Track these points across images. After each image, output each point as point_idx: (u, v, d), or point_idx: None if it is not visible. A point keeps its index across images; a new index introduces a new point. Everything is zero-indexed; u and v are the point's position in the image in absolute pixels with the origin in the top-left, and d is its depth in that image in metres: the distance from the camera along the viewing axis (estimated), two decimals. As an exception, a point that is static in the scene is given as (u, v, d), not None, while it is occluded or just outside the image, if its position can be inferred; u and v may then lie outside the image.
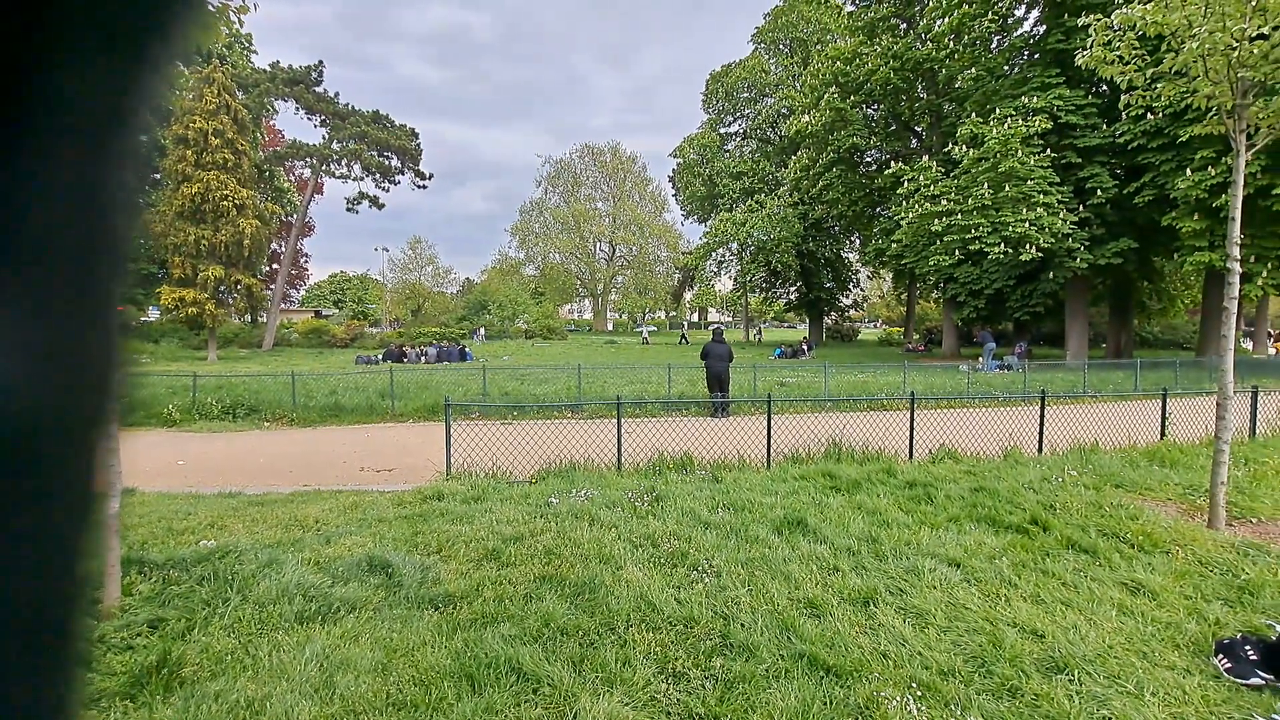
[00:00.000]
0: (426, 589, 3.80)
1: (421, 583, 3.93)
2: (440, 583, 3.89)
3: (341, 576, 3.99)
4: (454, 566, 4.17)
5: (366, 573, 4.08)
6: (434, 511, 5.47)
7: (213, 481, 7.22)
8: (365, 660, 2.94)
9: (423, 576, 4.02)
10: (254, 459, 8.81)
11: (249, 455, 9.07)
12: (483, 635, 3.11)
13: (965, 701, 2.65)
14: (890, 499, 5.63)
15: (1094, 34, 5.32)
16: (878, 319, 69.66)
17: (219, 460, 8.68)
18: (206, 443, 10.09)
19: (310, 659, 2.94)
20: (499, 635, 3.11)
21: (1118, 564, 4.18)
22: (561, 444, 7.37)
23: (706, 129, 48.96)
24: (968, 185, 20.73)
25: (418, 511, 5.50)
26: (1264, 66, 4.57)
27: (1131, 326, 28.96)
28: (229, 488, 6.86)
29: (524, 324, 47.88)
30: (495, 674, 2.78)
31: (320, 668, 2.87)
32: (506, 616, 3.35)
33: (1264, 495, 5.79)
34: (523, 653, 2.91)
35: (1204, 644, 3.18)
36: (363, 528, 5.09)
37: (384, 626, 3.32)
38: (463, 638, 3.11)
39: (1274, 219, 16.81)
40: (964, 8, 22.31)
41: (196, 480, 7.38)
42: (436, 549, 4.53)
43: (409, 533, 4.90)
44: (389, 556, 4.24)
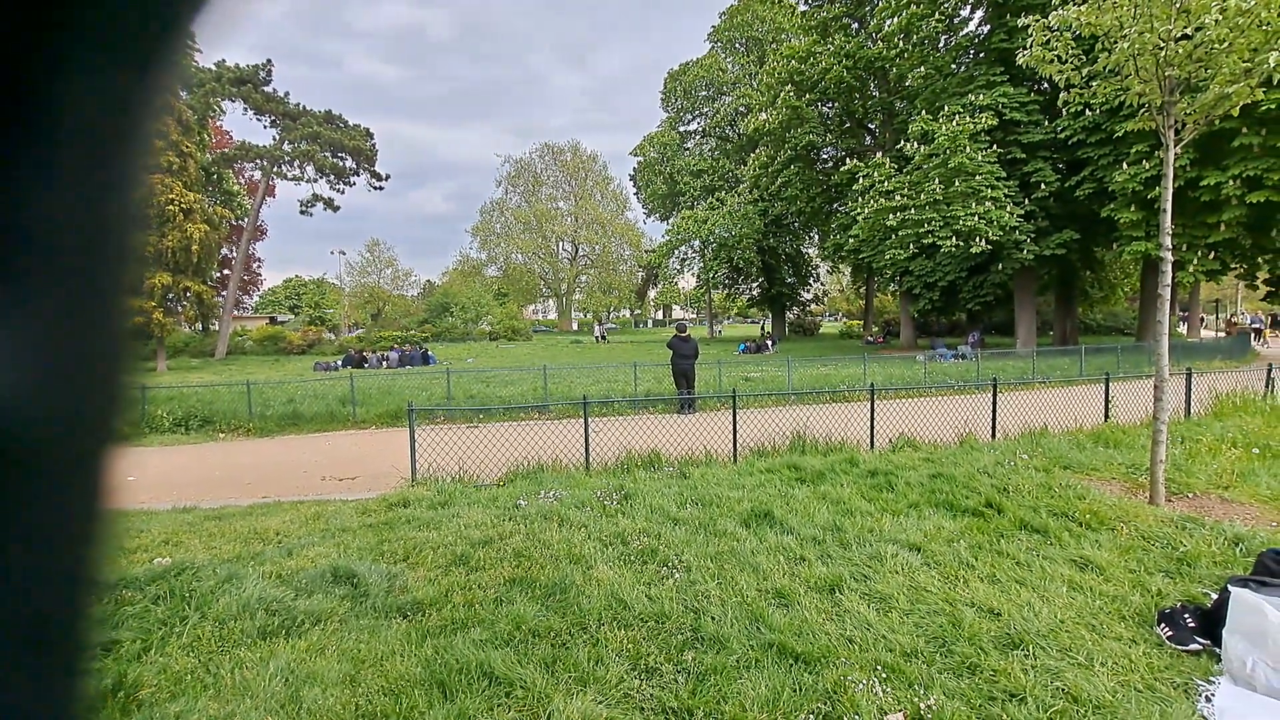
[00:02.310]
0: (394, 597, 3.75)
1: (389, 591, 3.87)
2: (408, 590, 3.84)
3: (305, 589, 3.90)
4: (422, 573, 4.11)
5: (331, 584, 4.00)
6: (400, 518, 5.38)
7: (166, 497, 6.95)
8: (332, 673, 2.88)
9: (390, 585, 3.96)
10: (210, 472, 8.51)
11: (204, 468, 8.76)
12: (453, 641, 3.09)
13: (928, 681, 2.74)
14: (853, 488, 5.77)
15: (1033, 34, 5.55)
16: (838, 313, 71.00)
17: (172, 474, 8.36)
18: (158, 457, 9.70)
19: (275, 674, 2.87)
20: (469, 640, 3.08)
21: (1067, 542, 4.37)
22: (529, 445, 7.33)
23: (666, 127, 49.17)
24: (920, 181, 21.33)
25: (383, 519, 5.40)
26: (1188, 65, 4.83)
27: (1076, 314, 30.22)
28: (184, 503, 6.62)
29: (488, 326, 47.32)
30: (467, 679, 2.76)
31: (285, 683, 2.81)
32: (477, 621, 3.33)
33: (1199, 471, 6.12)
34: (494, 656, 2.90)
35: (1147, 614, 3.36)
36: (326, 538, 4.97)
37: (351, 637, 3.26)
38: (433, 644, 3.08)
39: (1203, 209, 17.74)
40: (912, 8, 22.91)
41: (149, 496, 7.09)
42: (403, 556, 4.46)
43: (374, 541, 4.81)
44: (354, 566, 4.16)
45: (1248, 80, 4.74)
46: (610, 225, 61.88)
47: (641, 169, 50.44)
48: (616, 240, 62.44)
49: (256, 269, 52.02)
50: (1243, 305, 43.85)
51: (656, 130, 49.36)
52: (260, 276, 54.15)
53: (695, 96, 47.47)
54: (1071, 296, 28.98)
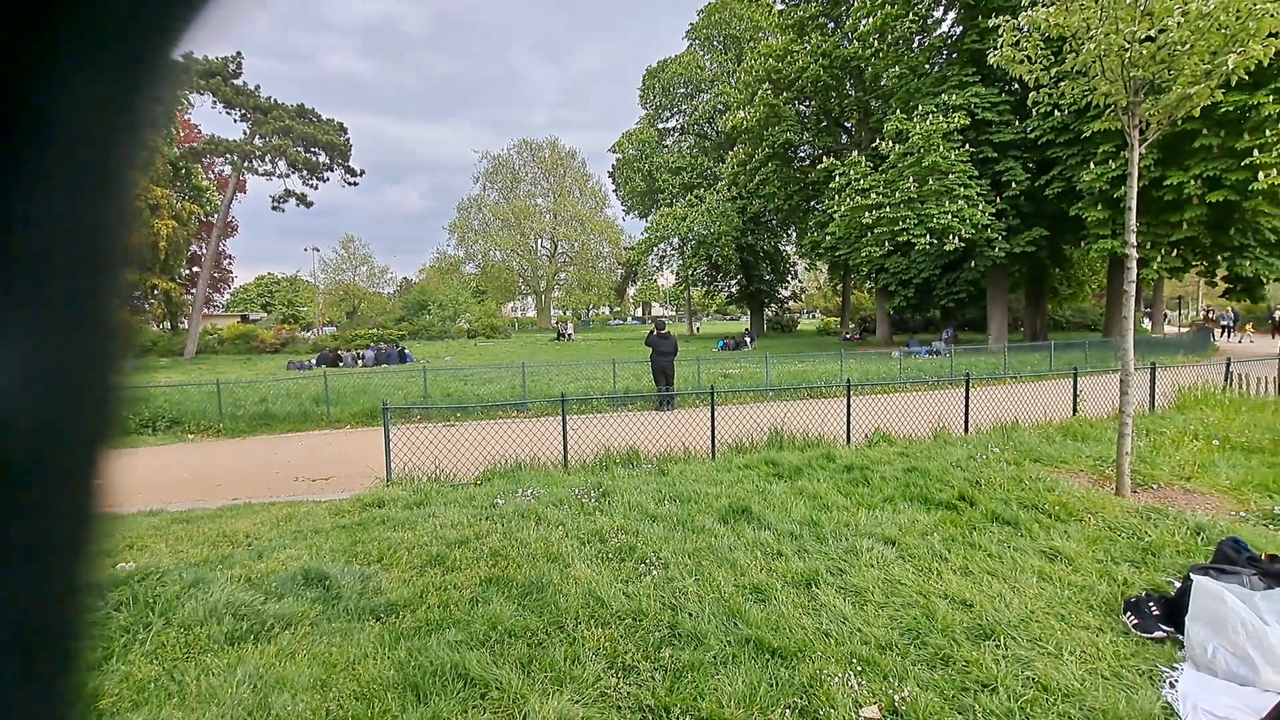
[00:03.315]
0: (367, 599, 3.69)
1: (362, 593, 3.81)
2: (382, 592, 3.78)
3: (275, 592, 3.82)
4: (396, 574, 4.05)
5: (302, 586, 3.92)
6: (374, 519, 5.30)
7: (131, 500, 6.76)
8: (303, 677, 2.82)
9: (363, 586, 3.90)
10: (178, 473, 8.30)
11: (172, 470, 8.53)
12: (427, 643, 3.04)
13: (902, 673, 2.77)
14: (830, 483, 5.82)
15: (1004, 35, 5.63)
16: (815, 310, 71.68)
17: (138, 476, 8.13)
18: (123, 459, 9.41)
19: (242, 680, 2.80)
20: (444, 642, 3.04)
21: (1037, 534, 4.46)
22: (507, 444, 7.27)
23: (645, 124, 49.14)
24: (895, 179, 21.59)
25: (357, 520, 5.32)
26: (1152, 67, 4.94)
27: (1046, 311, 30.87)
28: (150, 505, 6.44)
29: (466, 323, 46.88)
30: (441, 681, 2.72)
31: (254, 689, 2.74)
32: (452, 622, 3.28)
33: (1163, 463, 6.29)
34: (469, 658, 2.86)
35: (1114, 603, 3.43)
36: (298, 540, 4.88)
37: (322, 641, 3.20)
38: (406, 647, 3.03)
39: (1166, 208, 18.23)
40: (886, 8, 23.15)
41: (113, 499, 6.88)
42: (377, 557, 4.39)
43: (348, 542, 4.73)
44: (326, 568, 4.08)
45: (1208, 82, 4.86)
46: (589, 222, 61.68)
47: (620, 166, 50.35)
48: (595, 237, 62.26)
49: (227, 266, 50.82)
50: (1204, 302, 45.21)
51: (635, 127, 49.32)
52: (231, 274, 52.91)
53: (674, 94, 47.50)
54: (1041, 293, 29.59)
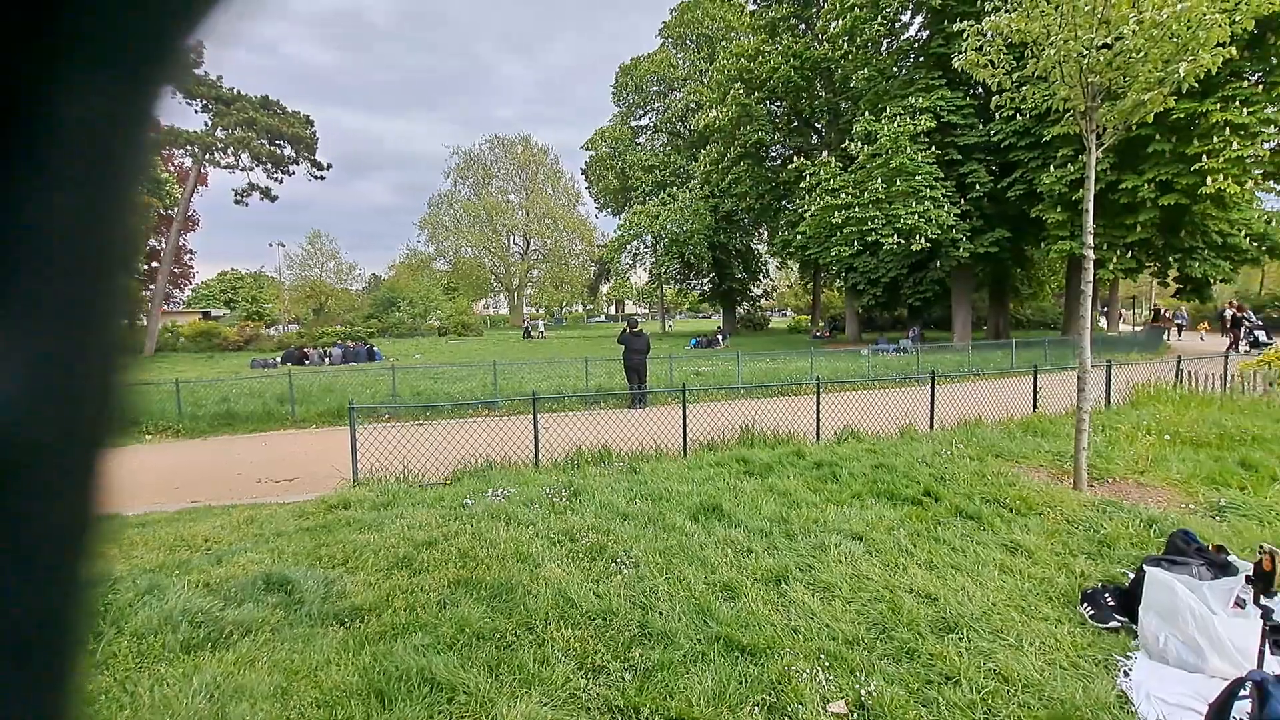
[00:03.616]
0: (331, 604, 3.60)
1: (325, 598, 3.72)
2: (346, 596, 3.70)
3: (234, 598, 3.71)
4: (361, 578, 3.97)
5: (263, 591, 3.81)
6: (339, 521, 5.19)
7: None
8: (262, 686, 2.74)
9: (326, 591, 3.81)
10: (134, 476, 8.00)
11: (127, 471, 8.21)
12: (393, 648, 2.98)
13: (869, 667, 2.81)
14: (800, 480, 5.88)
15: (968, 39, 5.75)
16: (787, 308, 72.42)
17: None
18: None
19: (199, 690, 2.71)
20: (410, 646, 2.99)
21: (999, 527, 4.57)
22: (477, 443, 7.18)
23: (618, 122, 49.02)
24: (864, 180, 21.93)
25: (321, 522, 5.20)
26: (1109, 73, 5.10)
27: (1008, 310, 31.71)
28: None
29: (437, 321, 46.23)
30: (406, 687, 2.67)
31: (210, 699, 2.66)
32: (419, 626, 3.23)
33: (1118, 457, 6.51)
34: (436, 662, 2.81)
35: (1072, 594, 3.54)
36: (259, 543, 4.75)
37: (284, 648, 3.12)
38: (371, 652, 2.97)
39: (1121, 211, 18.85)
40: (856, 11, 23.47)
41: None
42: (342, 560, 4.30)
43: (312, 545, 4.62)
44: (288, 572, 3.98)
45: (1161, 89, 5.03)
46: (562, 219, 61.33)
47: (593, 163, 50.15)
48: (568, 234, 61.93)
49: (188, 261, 49.17)
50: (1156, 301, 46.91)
51: (608, 124, 49.16)
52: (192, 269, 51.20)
53: (646, 92, 47.46)
54: (1004, 293, 30.37)
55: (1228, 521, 4.71)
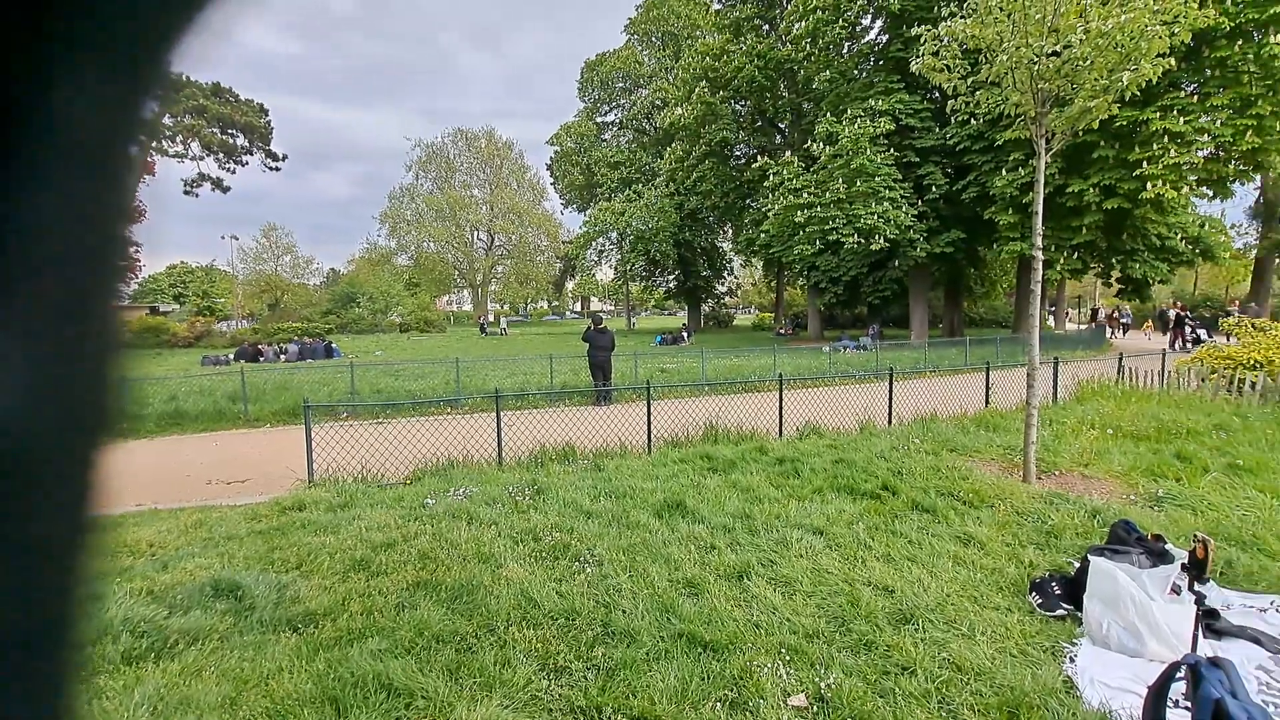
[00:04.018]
0: (283, 609, 3.49)
1: (278, 603, 3.60)
2: (300, 601, 3.58)
3: (181, 605, 3.55)
4: (316, 581, 3.85)
5: (212, 598, 3.67)
6: (294, 523, 5.03)
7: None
8: (210, 696, 2.64)
9: (279, 596, 3.68)
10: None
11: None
12: (348, 653, 2.90)
13: (828, 660, 2.86)
14: (762, 476, 5.95)
15: (925, 44, 5.88)
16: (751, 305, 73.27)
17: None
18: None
19: (140, 703, 2.59)
20: (367, 651, 2.91)
21: (953, 520, 4.70)
22: (439, 441, 7.05)
23: (583, 118, 48.77)
24: (825, 180, 22.31)
25: (275, 525, 5.03)
26: (1057, 80, 5.28)
27: (962, 308, 32.70)
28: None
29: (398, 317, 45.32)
30: (363, 693, 2.60)
31: (153, 711, 2.54)
32: (376, 630, 3.15)
33: (1064, 451, 6.77)
34: (393, 666, 2.75)
35: (1021, 584, 3.66)
36: (209, 548, 4.57)
37: (233, 656, 3.00)
38: (325, 658, 2.88)
39: (1068, 214, 19.62)
40: (818, 13, 23.85)
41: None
42: (296, 564, 4.16)
43: (264, 549, 4.46)
44: (238, 577, 3.84)
45: (1105, 96, 5.24)
46: (527, 215, 60.70)
47: (558, 159, 49.79)
48: (534, 230, 61.35)
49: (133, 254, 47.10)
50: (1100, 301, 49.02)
51: (574, 120, 48.87)
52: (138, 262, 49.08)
53: (612, 88, 47.34)
54: (959, 292, 31.30)
55: (1165, 511, 4.94)
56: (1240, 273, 40.08)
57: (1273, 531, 4.37)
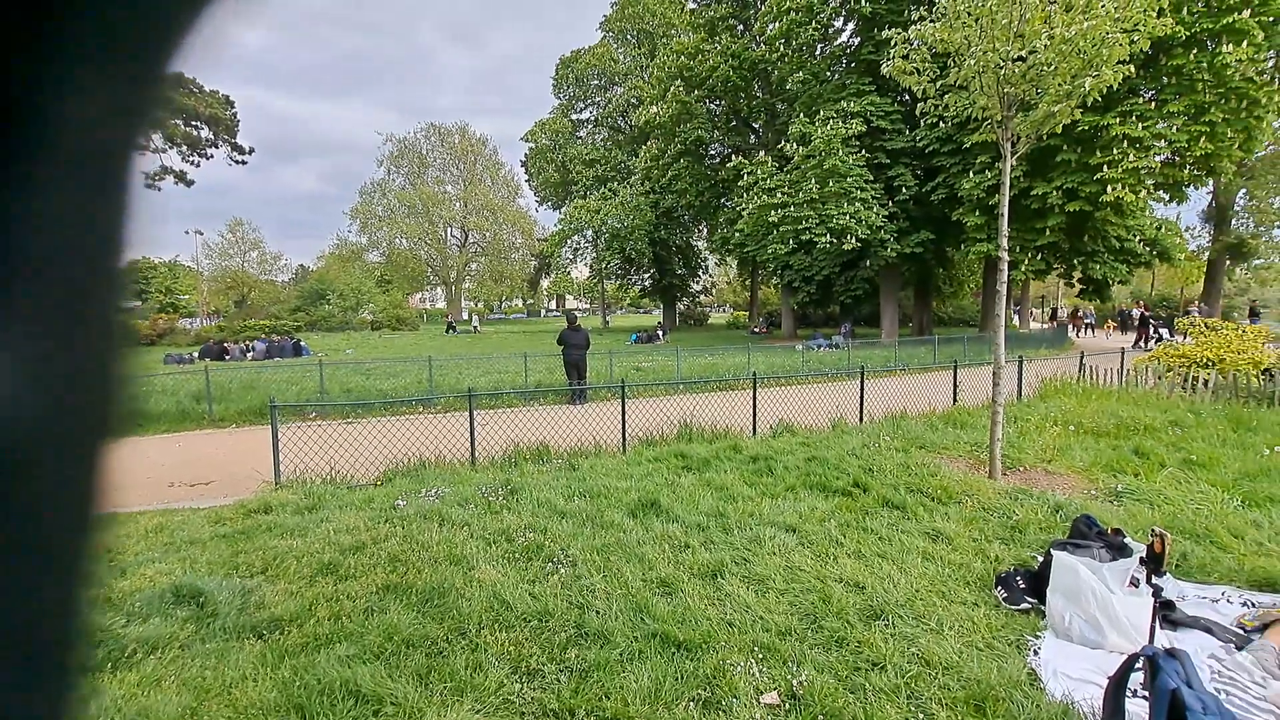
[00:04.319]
0: (247, 616, 3.40)
1: (242, 609, 3.50)
2: (265, 606, 3.49)
3: (139, 613, 3.44)
4: (282, 586, 3.76)
5: (172, 605, 3.56)
6: (260, 526, 4.90)
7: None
8: (169, 707, 2.55)
9: (243, 602, 3.59)
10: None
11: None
12: (315, 660, 2.84)
13: (801, 657, 2.88)
14: (736, 474, 5.98)
15: (895, 47, 5.96)
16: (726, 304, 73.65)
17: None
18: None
19: (97, 715, 2.50)
20: (334, 657, 2.85)
21: (922, 516, 4.79)
22: (411, 441, 6.95)
23: (558, 114, 48.45)
24: (799, 180, 22.52)
25: (240, 529, 4.90)
26: (1023, 85, 5.40)
27: (931, 307, 33.33)
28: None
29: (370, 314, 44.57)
30: (329, 700, 2.55)
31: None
32: (343, 635, 3.08)
33: (1028, 447, 6.94)
34: (361, 673, 2.69)
35: (987, 579, 3.74)
36: (170, 553, 4.43)
37: (194, 665, 2.91)
38: (291, 665, 2.81)
39: (1033, 216, 20.12)
40: (791, 15, 24.05)
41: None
42: (262, 569, 4.06)
43: (229, 553, 4.35)
44: (201, 583, 3.73)
45: (1069, 101, 5.37)
46: (501, 212, 60.10)
47: (533, 155, 49.41)
48: (508, 228, 60.78)
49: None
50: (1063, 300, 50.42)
51: (549, 117, 48.51)
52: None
53: (587, 85, 47.12)
54: (928, 291, 31.88)
55: (1124, 506, 5.10)
56: (1194, 274, 41.62)
57: (1224, 525, 4.54)
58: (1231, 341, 10.69)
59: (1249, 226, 32.19)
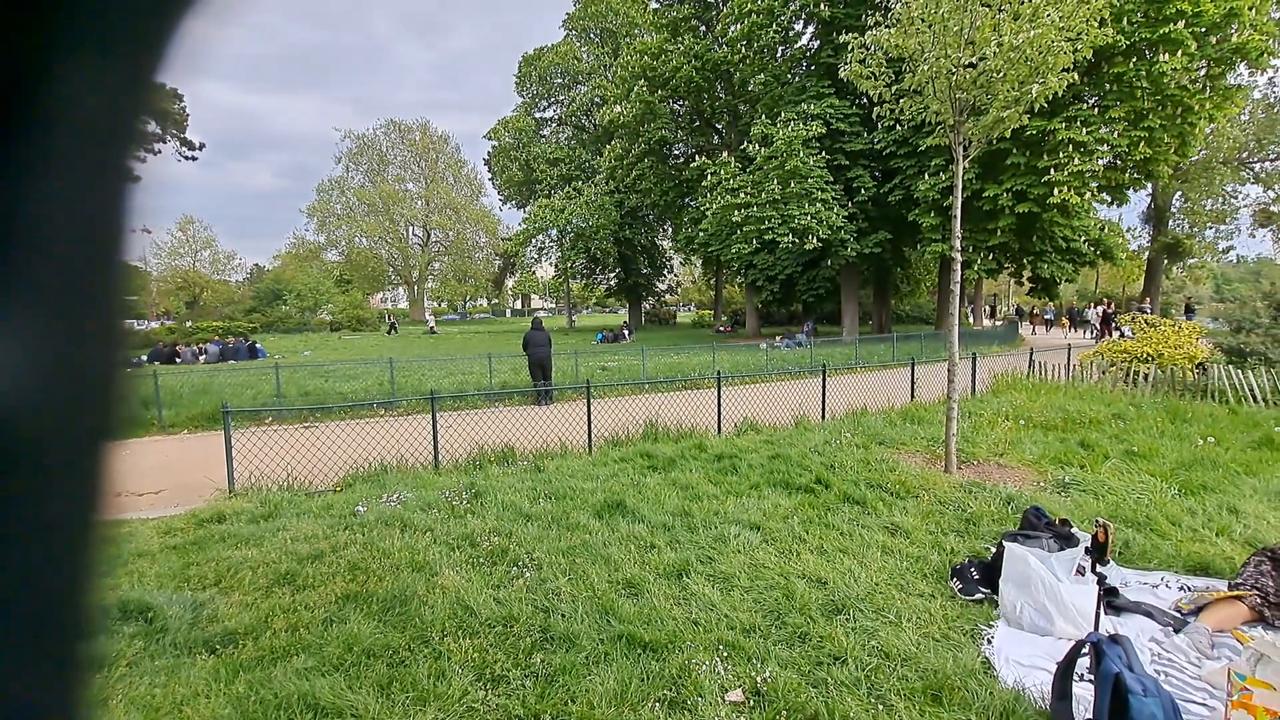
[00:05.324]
0: (200, 630, 3.28)
1: (194, 623, 3.38)
2: (218, 620, 3.38)
3: (81, 631, 3.29)
4: (237, 598, 3.64)
5: (119, 621, 3.41)
6: (212, 537, 4.74)
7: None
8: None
9: (195, 615, 3.46)
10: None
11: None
12: (271, 673, 2.76)
13: (764, 654, 2.92)
14: (701, 473, 6.03)
15: (852, 51, 6.09)
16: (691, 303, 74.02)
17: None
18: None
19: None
20: (292, 670, 2.77)
21: (881, 511, 4.90)
22: (372, 445, 6.81)
23: (521, 112, 47.98)
24: (761, 181, 22.79)
25: (191, 539, 4.73)
26: (974, 90, 5.57)
27: (890, 306, 34.10)
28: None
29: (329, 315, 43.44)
30: (287, 715, 2.48)
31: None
32: (301, 647, 3.00)
33: (982, 441, 7.17)
34: (320, 685, 2.63)
35: (944, 571, 3.85)
36: (115, 566, 4.24)
37: (143, 682, 2.80)
38: (246, 680, 2.73)
39: (984, 217, 20.79)
40: (753, 17, 24.32)
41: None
42: (215, 581, 3.93)
43: (179, 565, 4.19)
44: (149, 597, 3.59)
45: (1017, 107, 5.56)
46: (464, 211, 59.27)
47: (496, 154, 48.80)
48: (472, 226, 59.98)
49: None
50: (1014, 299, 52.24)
51: (512, 115, 47.98)
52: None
53: (551, 83, 46.77)
54: (886, 290, 32.62)
55: (1071, 496, 5.31)
56: (1135, 273, 43.63)
57: (1163, 513, 4.77)
58: (1169, 337, 11.24)
59: (1184, 228, 33.90)
